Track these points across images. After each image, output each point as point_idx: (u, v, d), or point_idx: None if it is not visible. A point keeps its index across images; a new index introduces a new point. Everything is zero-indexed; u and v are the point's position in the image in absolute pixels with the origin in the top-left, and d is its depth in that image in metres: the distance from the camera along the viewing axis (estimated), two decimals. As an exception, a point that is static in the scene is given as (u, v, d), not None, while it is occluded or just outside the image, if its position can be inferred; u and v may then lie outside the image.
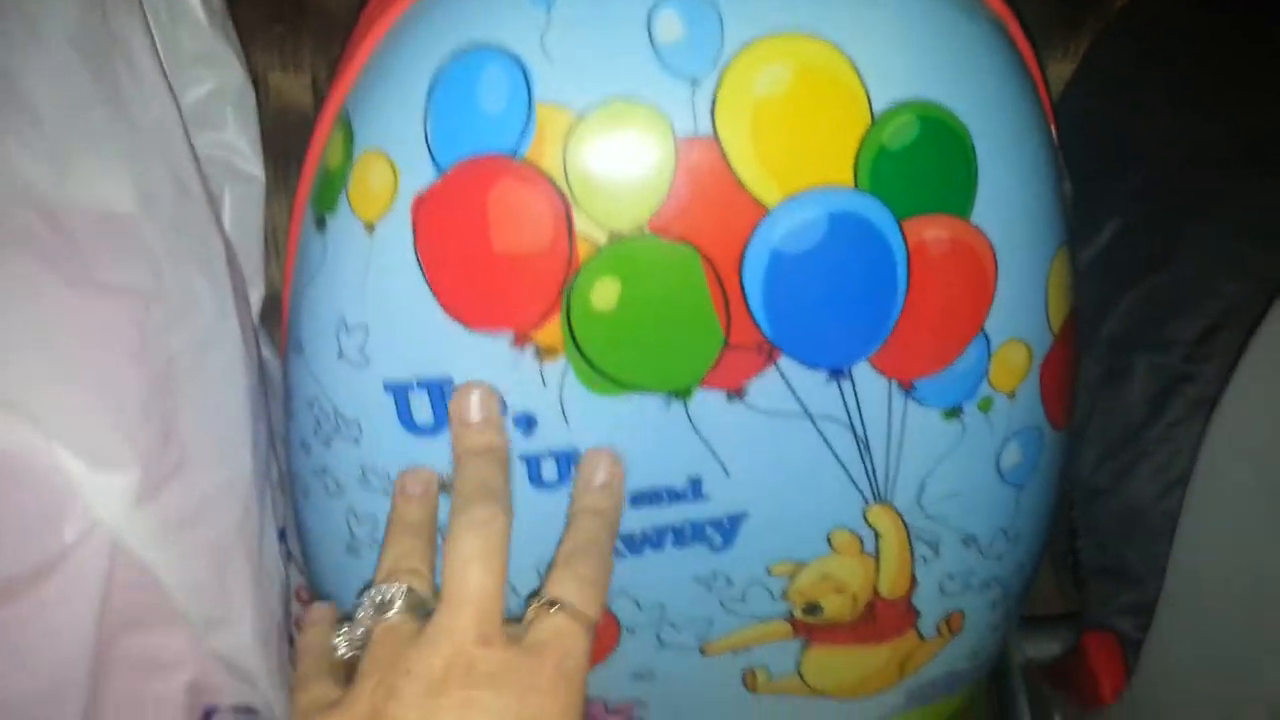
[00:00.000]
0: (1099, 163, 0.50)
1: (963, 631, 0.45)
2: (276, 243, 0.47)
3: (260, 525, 0.36)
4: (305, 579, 0.46)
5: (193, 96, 0.37)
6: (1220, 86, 0.49)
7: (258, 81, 0.41)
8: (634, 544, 0.39)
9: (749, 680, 0.45)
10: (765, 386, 0.36)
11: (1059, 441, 0.42)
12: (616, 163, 0.32)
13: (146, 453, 0.29)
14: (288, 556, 0.44)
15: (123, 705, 0.33)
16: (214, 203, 0.35)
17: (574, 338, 0.34)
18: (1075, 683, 0.48)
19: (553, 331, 0.34)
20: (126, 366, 0.29)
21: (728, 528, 0.39)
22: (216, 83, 0.38)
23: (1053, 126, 0.39)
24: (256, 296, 0.38)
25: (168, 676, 0.33)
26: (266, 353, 0.44)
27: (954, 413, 0.38)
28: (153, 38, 0.33)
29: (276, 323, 0.45)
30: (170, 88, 0.33)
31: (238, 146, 0.39)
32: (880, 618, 0.43)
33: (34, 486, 0.28)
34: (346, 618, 0.33)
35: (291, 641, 0.42)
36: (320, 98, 0.50)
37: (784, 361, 0.35)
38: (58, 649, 0.29)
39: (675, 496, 0.38)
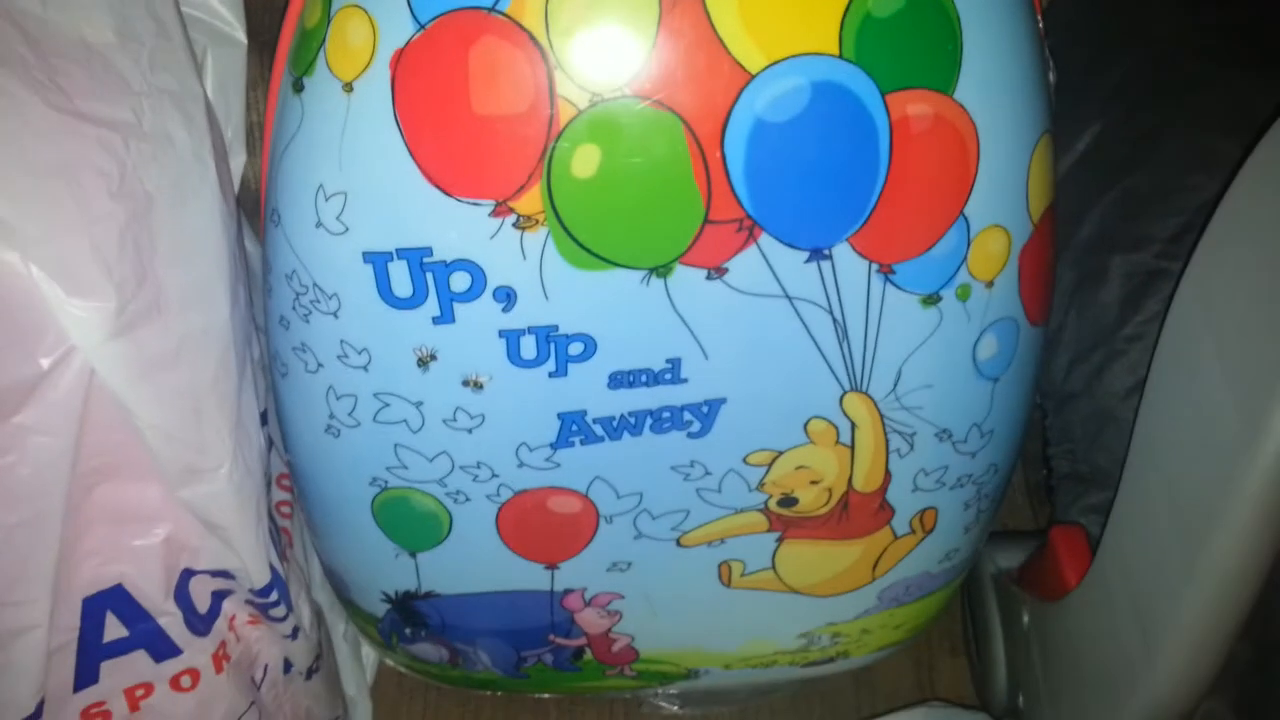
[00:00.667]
0: (1082, 60, 0.50)
1: (935, 530, 0.45)
2: (253, 136, 0.46)
3: (238, 380, 0.36)
4: (286, 465, 0.46)
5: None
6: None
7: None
8: (612, 428, 0.39)
9: (724, 574, 0.45)
10: (745, 266, 0.36)
11: (1035, 338, 0.43)
12: (599, 21, 0.32)
13: (123, 286, 0.29)
14: (269, 444, 0.43)
15: (101, 554, 0.33)
16: (194, 56, 0.34)
17: (554, 207, 0.34)
18: (1041, 576, 0.48)
19: (533, 200, 0.34)
20: (105, 199, 0.29)
21: (705, 413, 0.39)
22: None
23: (1039, 16, 0.39)
24: (237, 164, 0.38)
25: (145, 530, 0.33)
26: (248, 242, 0.44)
27: (932, 299, 0.38)
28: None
29: (255, 210, 0.45)
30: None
31: (219, 8, 0.38)
32: (854, 512, 0.44)
33: (12, 306, 0.28)
34: None
35: (273, 520, 0.42)
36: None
37: (764, 240, 0.35)
38: (36, 479, 0.29)
39: (654, 378, 0.38)
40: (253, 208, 0.45)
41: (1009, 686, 0.53)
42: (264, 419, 0.42)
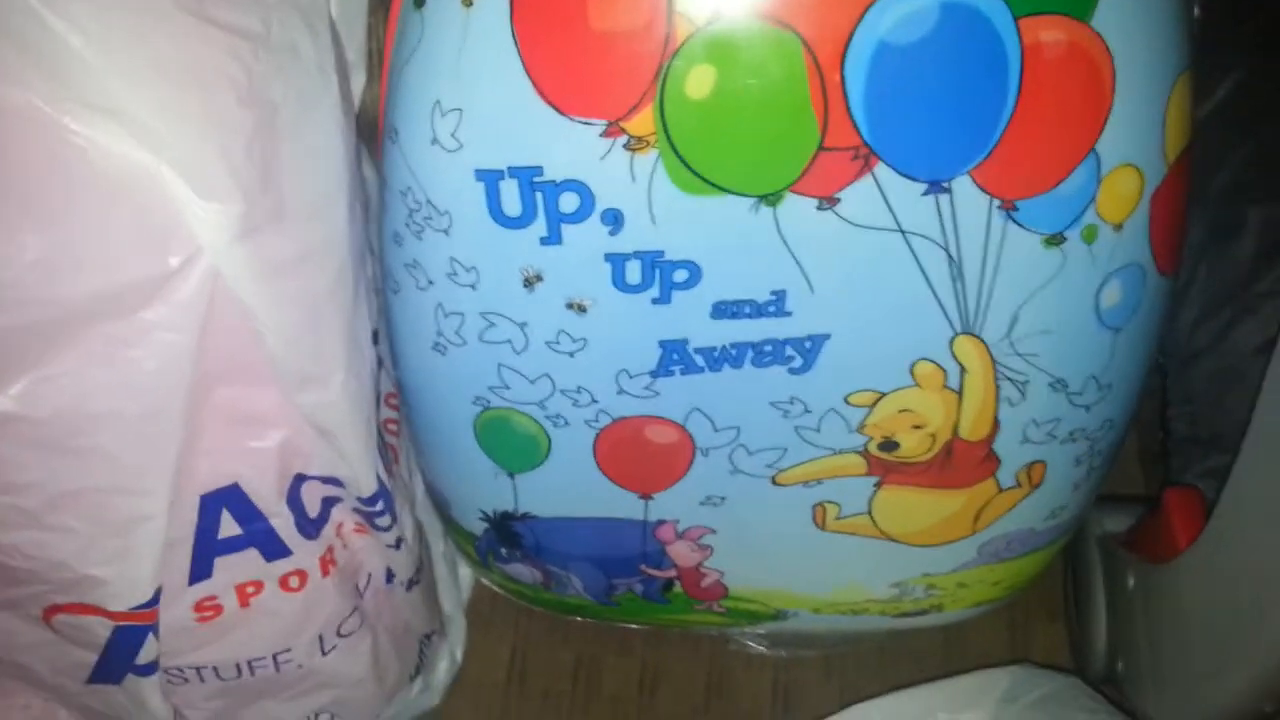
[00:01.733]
0: (1227, 3, 0.46)
1: (1043, 484, 0.44)
2: (372, 60, 0.47)
3: (353, 294, 0.37)
4: (394, 384, 0.47)
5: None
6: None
7: None
8: (713, 359, 0.39)
9: (818, 516, 0.45)
10: (859, 196, 0.35)
11: (1162, 287, 0.40)
12: (721, -65, 0.31)
13: (249, 191, 0.30)
14: (379, 361, 0.45)
15: (219, 453, 0.34)
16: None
17: (666, 128, 0.33)
18: (1151, 538, 0.47)
19: (645, 121, 0.33)
20: (234, 106, 0.30)
21: (809, 348, 0.39)
22: None
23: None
24: (357, 85, 0.39)
25: (262, 432, 0.35)
26: (364, 166, 0.45)
27: (1056, 240, 0.36)
28: None
29: (373, 136, 0.46)
30: None
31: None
32: (958, 461, 0.42)
33: (143, 202, 0.29)
34: None
35: (381, 436, 0.43)
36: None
37: (880, 170, 0.34)
38: (160, 374, 0.31)
39: (758, 310, 0.38)
40: (370, 134, 0.46)
41: (1108, 651, 0.51)
42: (375, 338, 0.44)
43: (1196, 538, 0.40)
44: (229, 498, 0.38)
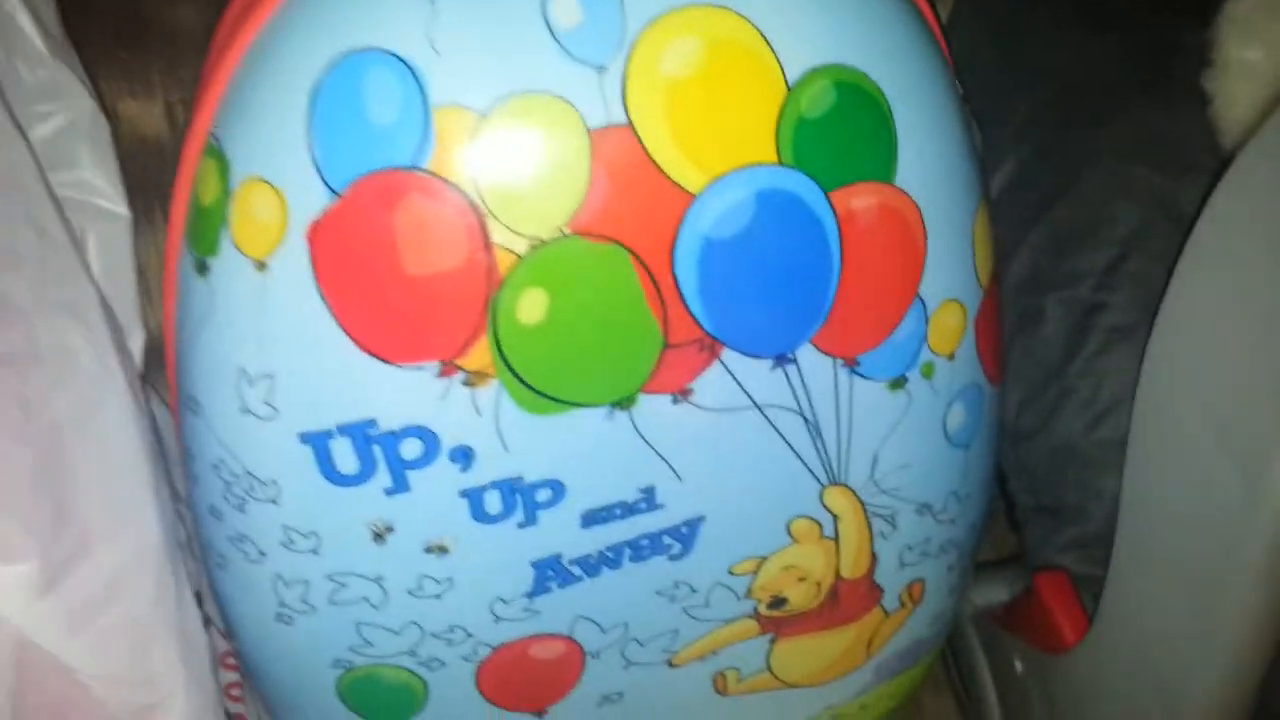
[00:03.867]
0: (984, 104, 0.50)
1: (924, 599, 0.44)
2: (147, 284, 0.43)
3: (178, 596, 0.33)
4: (231, 646, 0.42)
5: (39, 134, 0.33)
6: (1102, 9, 0.50)
7: (107, 113, 0.36)
8: (590, 566, 0.37)
9: (719, 683, 0.43)
10: (710, 383, 0.34)
11: (995, 396, 0.42)
12: (528, 163, 0.30)
13: (43, 538, 0.25)
14: (207, 622, 0.40)
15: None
16: (79, 247, 0.31)
17: (504, 358, 0.31)
18: (1032, 624, 0.48)
19: (481, 354, 0.31)
20: (9, 446, 0.25)
21: (685, 534, 0.37)
22: (66, 116, 0.33)
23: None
24: (137, 343, 0.34)
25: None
26: (155, 406, 0.40)
27: (899, 383, 0.37)
28: (-11, 73, 0.29)
29: (161, 371, 0.41)
30: (18, 125, 0.29)
31: (96, 184, 0.34)
32: (844, 600, 0.42)
33: None
34: None
35: (229, 714, 0.39)
36: (175, 124, 0.46)
37: (727, 355, 0.34)
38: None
39: (629, 510, 0.36)
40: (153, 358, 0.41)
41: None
42: (198, 599, 0.39)
43: (1082, 627, 0.41)
44: None
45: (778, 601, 0.41)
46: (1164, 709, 0.35)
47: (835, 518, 0.39)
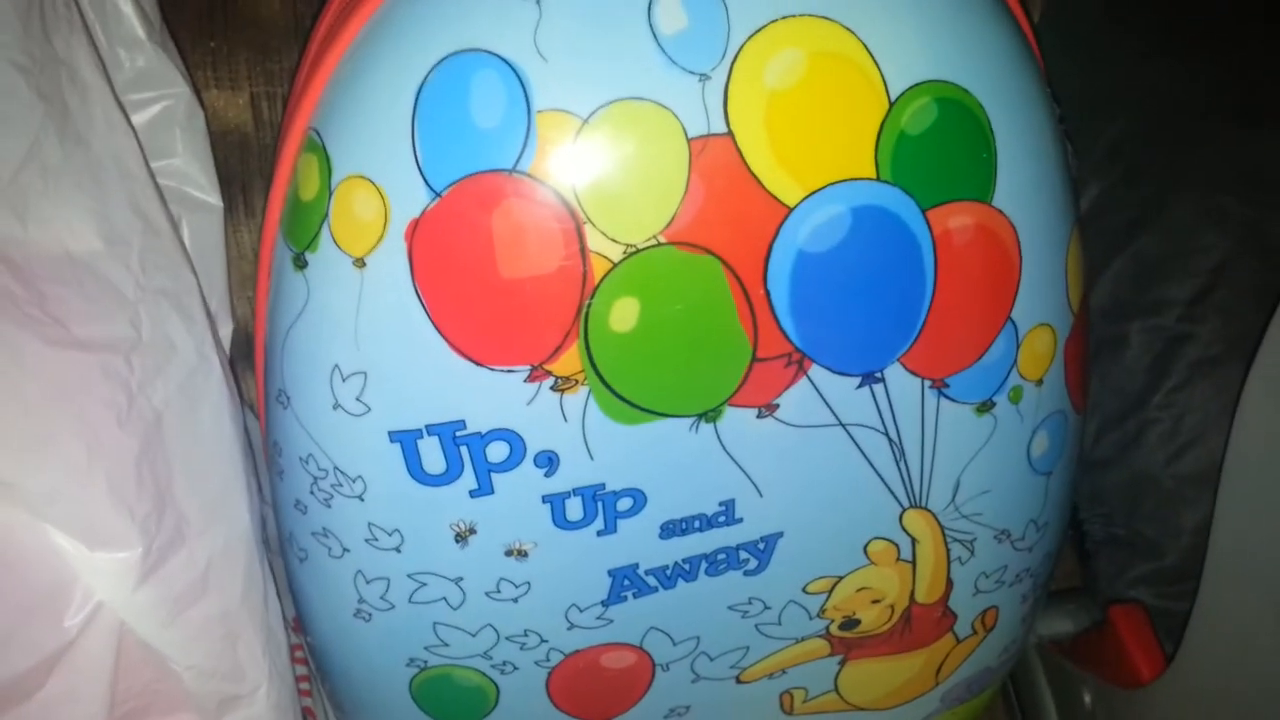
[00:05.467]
0: (1072, 122, 0.49)
1: (996, 627, 0.44)
2: (237, 275, 0.43)
3: (264, 589, 0.33)
4: (303, 641, 0.42)
5: (137, 121, 0.34)
6: (1191, 33, 0.48)
7: (196, 102, 0.37)
8: (666, 577, 0.37)
9: (786, 703, 0.43)
10: (796, 399, 0.34)
11: (1079, 424, 0.41)
12: (627, 170, 0.30)
13: (145, 524, 0.26)
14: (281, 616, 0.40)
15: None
16: (183, 245, 0.32)
17: (594, 365, 0.31)
18: (1106, 659, 0.47)
19: (571, 360, 0.31)
20: (115, 431, 0.26)
21: (762, 550, 0.37)
22: (163, 104, 0.34)
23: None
24: (226, 334, 0.35)
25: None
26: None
27: (986, 406, 0.36)
28: (99, 57, 0.30)
29: (249, 365, 0.42)
30: (124, 112, 0.30)
31: (190, 173, 0.35)
32: (916, 624, 0.41)
33: (30, 573, 0.24)
34: None
35: (305, 711, 0.39)
36: (260, 116, 0.47)
37: (815, 371, 0.33)
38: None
39: (707, 523, 0.36)
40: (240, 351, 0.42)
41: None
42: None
43: (1159, 664, 0.40)
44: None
45: (850, 622, 0.40)
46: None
47: (914, 541, 0.38)
